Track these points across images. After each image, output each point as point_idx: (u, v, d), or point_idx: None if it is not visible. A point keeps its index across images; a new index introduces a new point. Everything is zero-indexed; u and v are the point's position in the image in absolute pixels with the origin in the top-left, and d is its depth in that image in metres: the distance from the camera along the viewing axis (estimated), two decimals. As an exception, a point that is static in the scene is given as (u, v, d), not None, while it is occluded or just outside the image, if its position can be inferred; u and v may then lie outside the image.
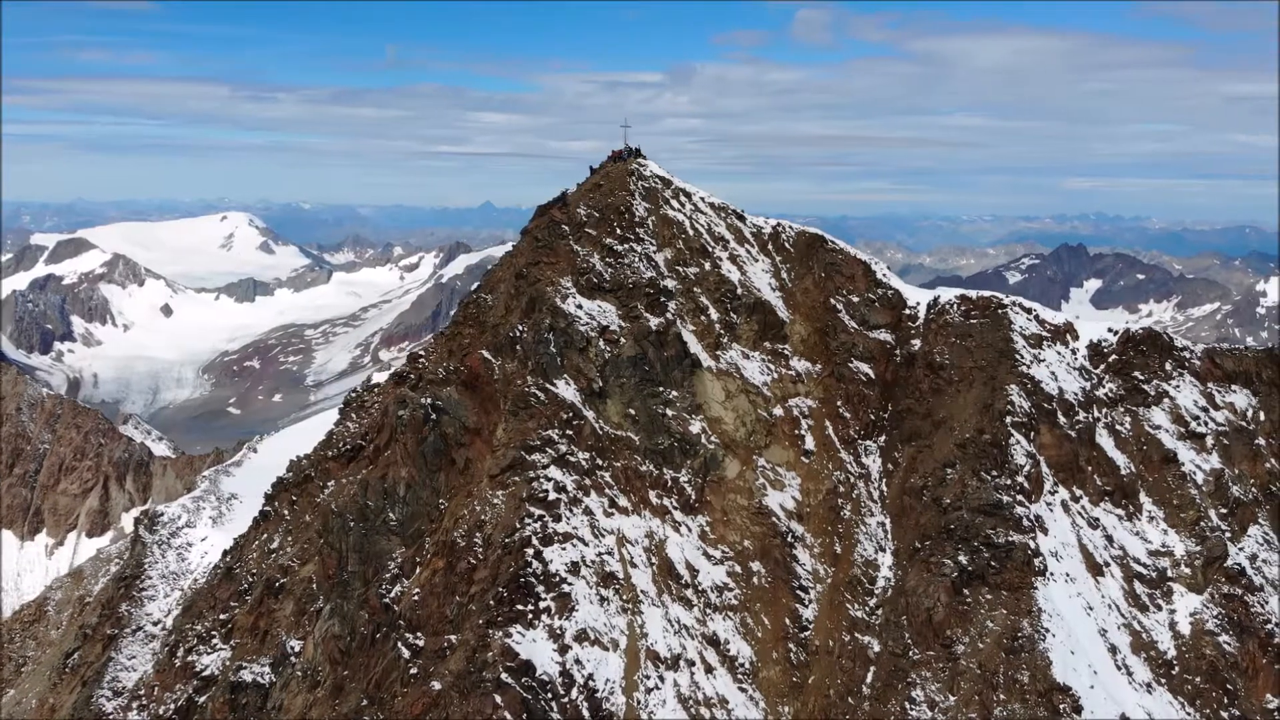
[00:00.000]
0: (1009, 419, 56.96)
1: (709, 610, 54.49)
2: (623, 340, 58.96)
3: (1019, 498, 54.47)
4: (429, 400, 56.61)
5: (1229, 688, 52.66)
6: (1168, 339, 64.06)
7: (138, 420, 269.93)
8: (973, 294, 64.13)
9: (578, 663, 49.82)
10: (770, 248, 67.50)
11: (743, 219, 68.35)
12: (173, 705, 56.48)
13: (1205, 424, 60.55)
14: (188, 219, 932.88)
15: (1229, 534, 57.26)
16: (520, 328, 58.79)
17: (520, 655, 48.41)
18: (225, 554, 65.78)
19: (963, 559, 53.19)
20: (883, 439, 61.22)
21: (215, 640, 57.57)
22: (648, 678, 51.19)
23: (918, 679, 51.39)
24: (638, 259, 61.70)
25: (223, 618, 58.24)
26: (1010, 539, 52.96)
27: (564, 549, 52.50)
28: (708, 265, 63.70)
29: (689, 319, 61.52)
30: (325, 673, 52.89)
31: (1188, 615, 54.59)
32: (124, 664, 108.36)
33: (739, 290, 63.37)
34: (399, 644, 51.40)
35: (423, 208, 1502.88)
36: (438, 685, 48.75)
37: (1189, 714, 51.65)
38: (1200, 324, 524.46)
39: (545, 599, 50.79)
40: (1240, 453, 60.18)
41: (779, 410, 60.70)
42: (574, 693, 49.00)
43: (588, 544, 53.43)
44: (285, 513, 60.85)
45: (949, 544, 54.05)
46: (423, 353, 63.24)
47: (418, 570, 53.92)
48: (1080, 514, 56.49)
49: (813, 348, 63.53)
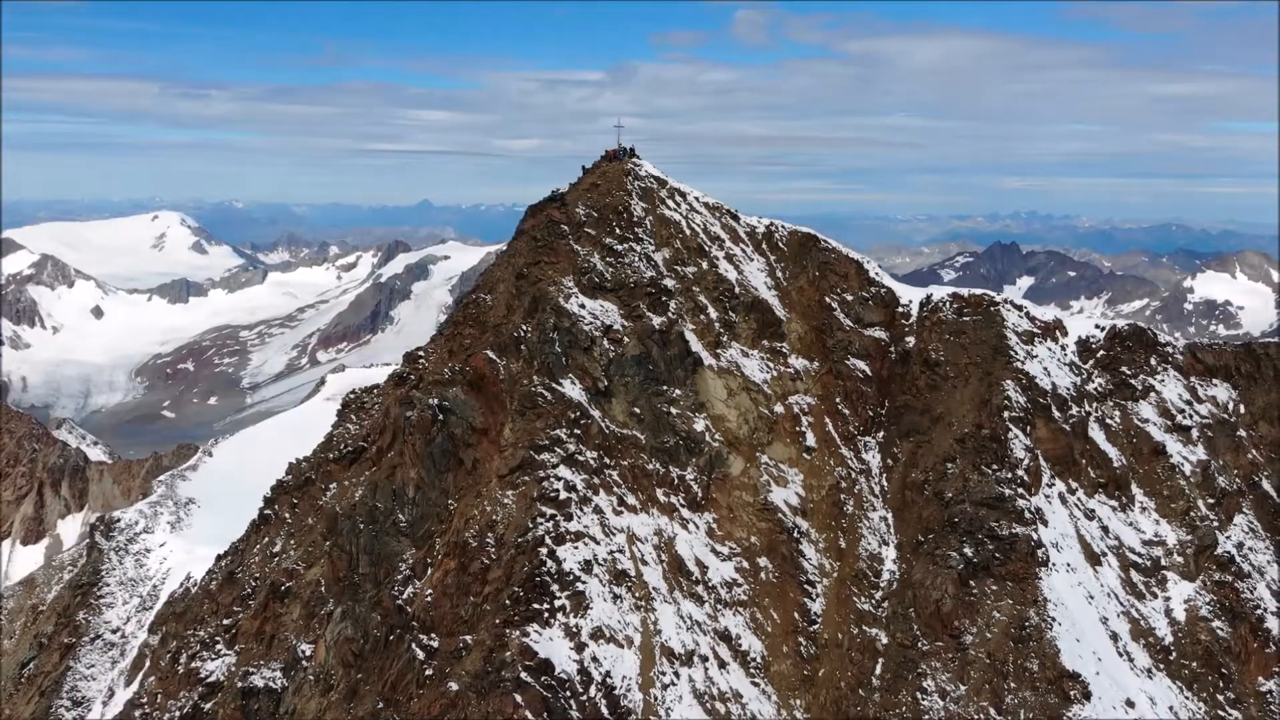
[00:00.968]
0: (1006, 414, 58.29)
1: (719, 606, 55.07)
2: (626, 339, 59.31)
3: (1019, 491, 55.78)
4: (436, 401, 56.47)
5: (1224, 672, 54.46)
6: (1152, 335, 66.05)
7: (71, 425, 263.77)
8: (965, 292, 65.47)
9: (595, 660, 50.08)
10: (764, 247, 68.29)
11: (736, 218, 69.06)
12: (177, 713, 55.71)
13: (1190, 417, 62.53)
14: (118, 218, 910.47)
15: (1216, 523, 59.19)
16: (524, 328, 58.85)
17: (539, 654, 48.53)
18: (220, 558, 64.99)
19: (968, 551, 54.34)
20: (881, 435, 62.27)
21: (219, 646, 56.87)
22: (663, 674, 51.62)
23: (928, 669, 52.42)
24: (638, 258, 62.09)
25: (226, 623, 57.56)
26: (1014, 531, 54.21)
27: (576, 548, 52.71)
28: (705, 265, 64.28)
29: (688, 318, 62.01)
30: (338, 676, 52.57)
31: (1182, 602, 56.34)
32: (83, 673, 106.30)
33: (736, 289, 64.05)
34: (413, 645, 51.29)
35: (359, 206, 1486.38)
36: (455, 686, 48.68)
37: (1187, 698, 53.31)
38: (1130, 320, 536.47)
39: (560, 597, 50.94)
40: (1224, 444, 62.22)
41: (779, 408, 61.49)
42: (592, 690, 49.24)
43: (599, 542, 53.69)
44: (286, 516, 60.30)
45: (953, 537, 55.19)
46: (422, 353, 62.98)
47: (429, 571, 53.78)
48: (1077, 505, 58.01)
49: (810, 345, 64.41)
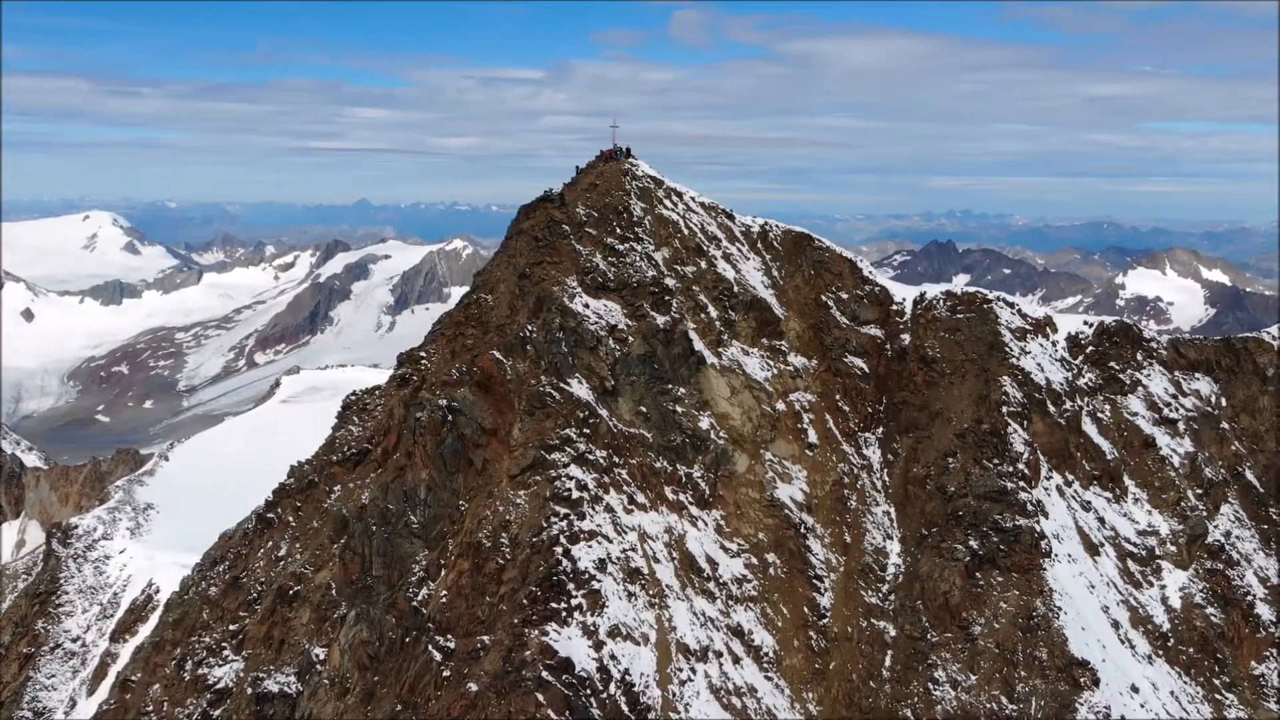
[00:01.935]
0: (1005, 409, 59.60)
1: (731, 602, 55.63)
2: (631, 339, 59.65)
3: (1020, 484, 57.05)
4: (445, 402, 56.34)
5: (1219, 657, 56.21)
6: (1137, 330, 67.89)
7: (6, 430, 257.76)
8: (958, 290, 66.82)
9: (613, 658, 50.34)
10: (759, 246, 69.01)
11: (732, 218, 69.70)
12: (185, 720, 55.02)
13: (1176, 410, 64.40)
14: (48, 218, 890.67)
15: (1205, 513, 61.07)
16: (529, 328, 58.92)
17: (559, 653, 48.71)
18: (216, 564, 64.14)
19: (973, 544, 55.48)
20: (880, 431, 63.27)
21: (226, 651, 56.25)
22: (680, 670, 52.07)
23: (938, 660, 53.46)
24: (639, 258, 62.45)
25: (232, 628, 56.91)
26: (1017, 523, 55.46)
27: (590, 546, 52.92)
28: (704, 264, 64.82)
29: (689, 317, 62.51)
30: (354, 680, 52.27)
31: (1177, 590, 58.05)
32: (43, 683, 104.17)
33: (735, 288, 64.68)
34: (429, 647, 51.19)
35: (295, 205, 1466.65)
36: (474, 686, 48.69)
37: (1186, 683, 54.96)
38: (1064, 316, 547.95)
39: (576, 596, 51.12)
40: (1208, 436, 64.17)
41: (781, 405, 62.21)
42: (611, 688, 49.51)
43: (611, 541, 53.94)
44: (290, 519, 59.75)
45: (958, 530, 56.31)
46: (423, 354, 62.75)
47: (443, 573, 53.70)
48: (1074, 498, 59.48)
49: (808, 343, 65.24)
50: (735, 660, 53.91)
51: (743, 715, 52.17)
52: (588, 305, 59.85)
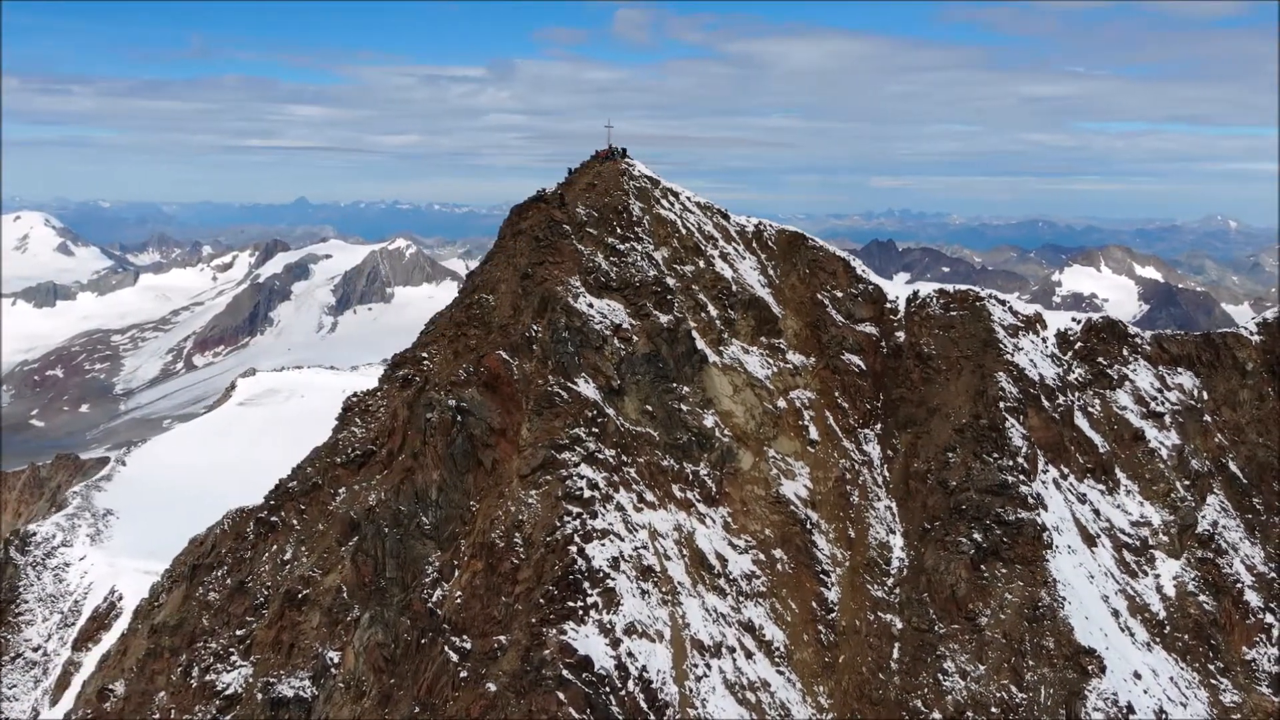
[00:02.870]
0: (1002, 404, 60.83)
1: (741, 598, 56.17)
2: (635, 338, 59.97)
3: (1020, 477, 58.29)
4: (454, 402, 56.24)
5: (1212, 643, 57.89)
6: (1122, 327, 69.60)
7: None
8: (950, 288, 68.01)
9: (630, 655, 50.63)
10: (754, 245, 69.66)
11: (727, 217, 70.27)
12: (195, 727, 54.36)
13: (1162, 404, 66.16)
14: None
15: (1193, 503, 62.82)
16: (534, 327, 59.00)
17: (579, 651, 48.91)
18: (214, 569, 63.31)
19: (977, 536, 56.56)
20: (879, 427, 64.21)
21: (234, 657, 55.62)
22: (695, 666, 52.50)
23: (946, 651, 54.43)
24: (640, 258, 62.78)
25: (239, 633, 56.28)
26: (1019, 516, 56.64)
27: (604, 545, 53.15)
28: (702, 263, 65.31)
29: (689, 316, 62.96)
30: (370, 682, 52.02)
31: (1171, 579, 59.66)
32: (4, 694, 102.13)
33: (734, 287, 65.24)
34: (445, 648, 51.12)
35: (231, 204, 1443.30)
36: (493, 686, 48.72)
37: (1182, 669, 56.54)
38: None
39: (592, 595, 51.32)
40: (1193, 429, 66.01)
41: (782, 403, 62.89)
42: (630, 685, 49.80)
43: (623, 539, 54.22)
44: (294, 522, 59.20)
45: (961, 523, 57.37)
46: (424, 355, 62.53)
47: (456, 573, 53.63)
48: (1070, 490, 60.86)
49: (805, 341, 66.00)
50: (748, 655, 54.47)
51: (758, 710, 52.74)
52: (591, 305, 60.07)
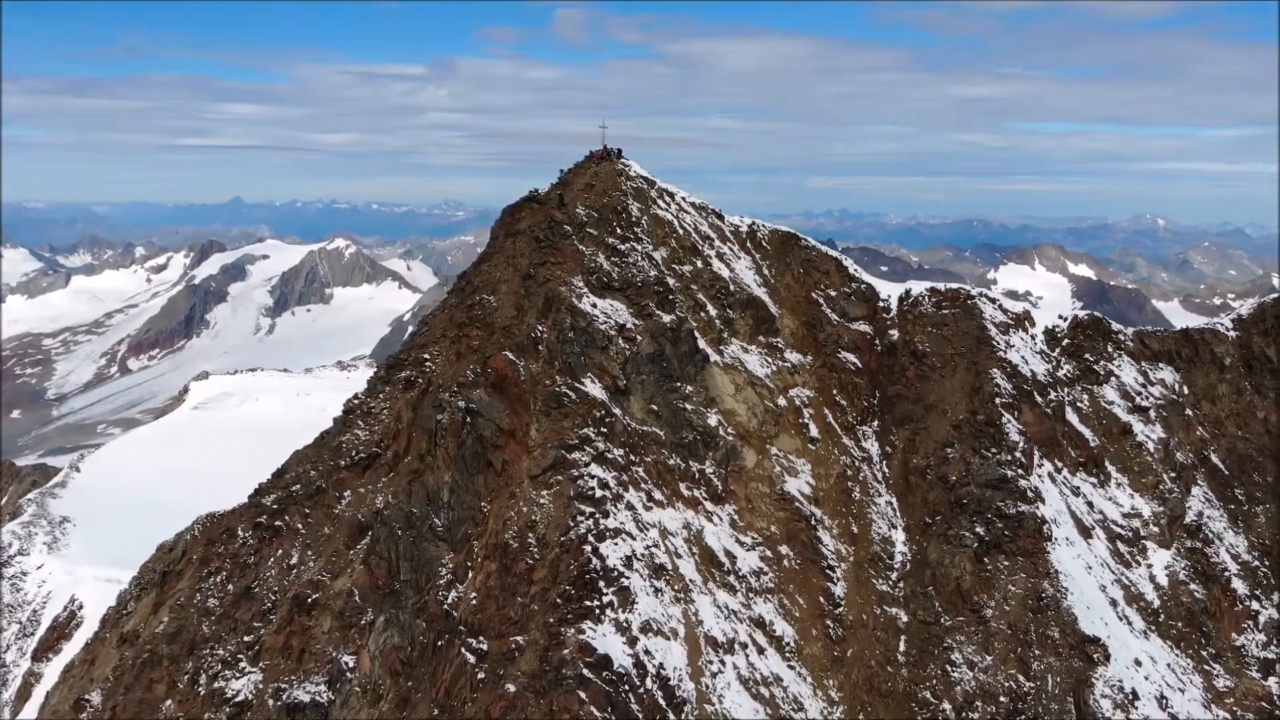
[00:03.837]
0: (997, 400, 62.13)
1: (751, 594, 56.74)
2: (640, 338, 60.26)
3: (1018, 472, 59.60)
4: (464, 404, 56.12)
5: (1204, 630, 59.66)
6: (1106, 324, 71.38)
7: None
8: (941, 286, 69.28)
9: (647, 653, 50.95)
10: (749, 245, 70.31)
11: (721, 218, 70.83)
12: (204, 734, 53.61)
13: (1147, 398, 67.99)
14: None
15: (1179, 495, 64.66)
16: (539, 328, 59.05)
17: (598, 650, 49.14)
18: (212, 575, 62.36)
19: (979, 530, 57.75)
20: (876, 424, 65.17)
21: (242, 663, 54.93)
22: (710, 663, 52.97)
23: (953, 643, 55.50)
24: (640, 258, 63.09)
25: (247, 639, 55.61)
26: (1020, 509, 57.93)
27: (616, 544, 53.41)
28: (699, 263, 65.79)
29: (689, 315, 63.41)
30: (387, 686, 51.73)
31: (1163, 569, 61.36)
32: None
33: (731, 287, 65.82)
34: (462, 650, 51.05)
35: (164, 204, 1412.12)
36: (512, 687, 48.78)
37: (1177, 655, 58.22)
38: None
39: (607, 594, 51.56)
40: (1176, 422, 67.92)
41: (782, 401, 63.57)
42: (648, 683, 50.15)
43: (635, 538, 54.51)
44: (299, 526, 58.59)
45: (963, 517, 58.51)
46: (426, 356, 62.21)
47: (470, 574, 53.55)
48: (1064, 483, 62.34)
49: (802, 340, 66.77)
50: (760, 651, 55.04)
51: (772, 705, 53.35)
52: (595, 305, 60.27)
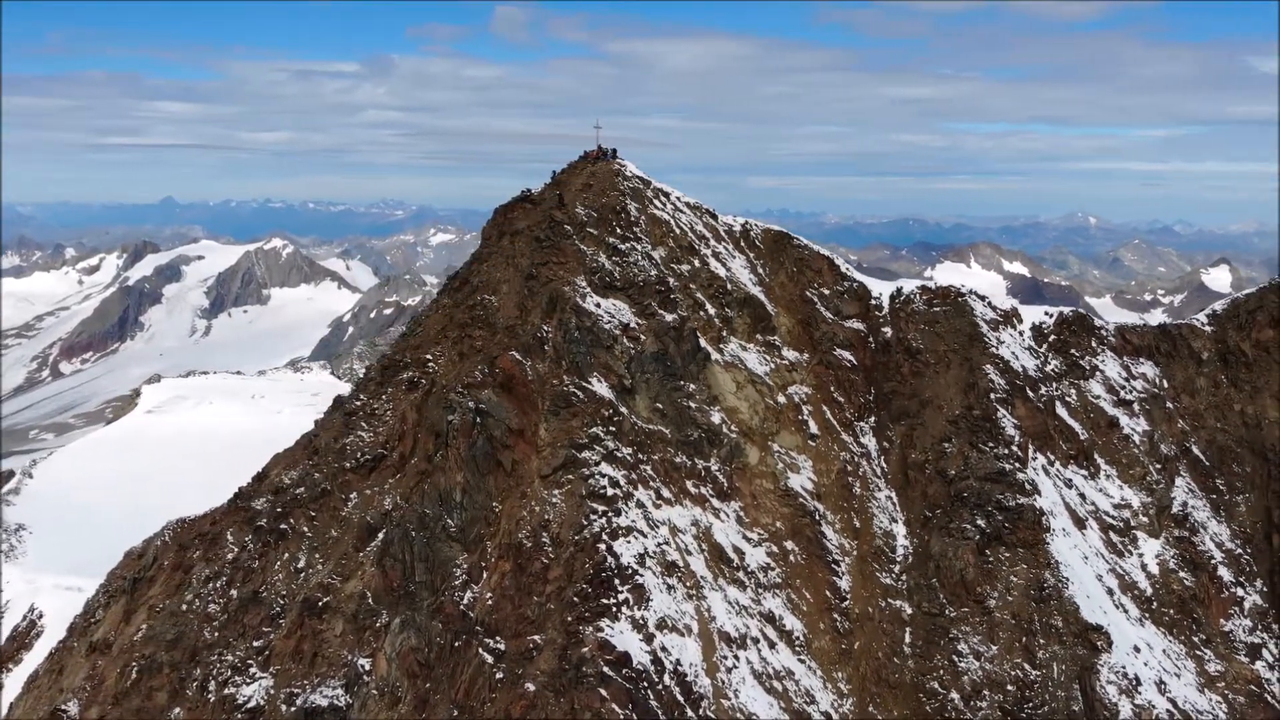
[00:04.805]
0: (992, 395, 63.43)
1: (760, 590, 57.39)
2: (643, 337, 60.61)
3: (1016, 465, 60.93)
4: (474, 404, 56.05)
5: (1195, 616, 61.46)
6: (1090, 320, 73.16)
7: None
8: (932, 284, 70.52)
9: (664, 649, 51.41)
10: (742, 244, 70.92)
11: (715, 217, 71.34)
12: (216, 741, 52.97)
13: (1130, 392, 69.82)
14: None
15: (1164, 485, 66.51)
16: (545, 328, 59.16)
17: (617, 647, 49.48)
18: (211, 580, 61.53)
19: (980, 522, 58.97)
20: (873, 420, 66.15)
21: (253, 669, 54.37)
22: (725, 658, 53.52)
23: (959, 634, 56.63)
24: (640, 257, 63.44)
25: (257, 644, 55.03)
26: (1019, 501, 59.25)
27: (629, 542, 53.77)
28: (697, 263, 66.29)
29: (689, 314, 63.88)
30: (405, 688, 51.54)
31: (1154, 557, 63.08)
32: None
33: (728, 286, 66.41)
34: (480, 650, 51.05)
35: (93, 204, 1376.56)
36: (532, 686, 48.94)
37: (1170, 641, 59.93)
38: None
39: (623, 591, 51.93)
40: (1158, 415, 69.82)
41: (782, 398, 64.30)
42: (666, 679, 50.59)
43: (646, 536, 54.89)
44: (305, 530, 58.07)
45: (964, 510, 59.70)
46: (428, 356, 61.97)
47: (485, 575, 53.54)
48: (1057, 476, 63.83)
49: (798, 338, 67.55)
50: (771, 645, 55.70)
51: (785, 699, 54.02)
52: (599, 305, 60.52)
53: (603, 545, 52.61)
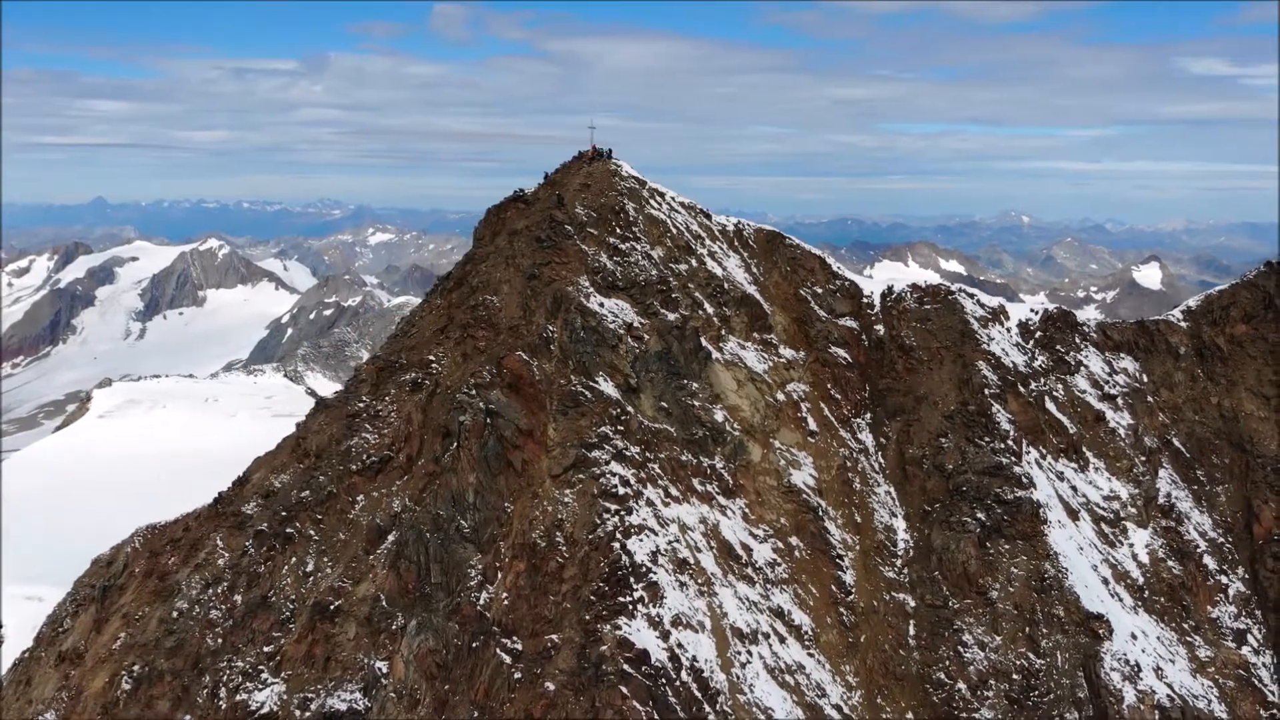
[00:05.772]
0: (986, 391, 64.73)
1: (768, 585, 58.03)
2: (647, 336, 60.95)
3: (1012, 459, 62.25)
4: (484, 405, 55.98)
5: (1184, 604, 63.24)
6: (1073, 317, 74.87)
7: None
8: (923, 282, 71.72)
9: (680, 646, 51.83)
10: (736, 244, 71.59)
11: (709, 217, 71.91)
12: (229, 749, 52.33)
13: (1114, 387, 71.58)
14: None
15: (1149, 477, 68.33)
16: (550, 328, 59.26)
17: (636, 645, 49.81)
18: (210, 585, 60.67)
19: (980, 516, 60.17)
20: (869, 416, 67.15)
21: (264, 674, 53.78)
22: (739, 654, 54.09)
23: (963, 625, 57.76)
24: (640, 257, 63.80)
25: (267, 650, 54.44)
26: (1016, 495, 60.57)
27: (641, 540, 54.11)
28: (694, 262, 66.79)
29: (690, 314, 64.32)
30: (423, 690, 51.35)
31: (1144, 547, 64.78)
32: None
33: (726, 285, 66.99)
34: (497, 650, 51.07)
35: (18, 204, 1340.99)
36: (552, 686, 49.12)
37: (1162, 629, 61.63)
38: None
39: (638, 589, 52.27)
40: (1140, 409, 71.66)
41: (781, 396, 65.02)
42: (683, 675, 51.03)
43: (657, 533, 55.27)
44: (311, 533, 57.53)
45: (964, 504, 60.87)
46: (432, 358, 61.65)
47: (500, 575, 53.53)
48: (1049, 469, 65.30)
49: (794, 336, 68.33)
50: (781, 640, 56.36)
51: (798, 692, 54.73)
52: (602, 304, 60.76)
53: (616, 544, 52.89)
